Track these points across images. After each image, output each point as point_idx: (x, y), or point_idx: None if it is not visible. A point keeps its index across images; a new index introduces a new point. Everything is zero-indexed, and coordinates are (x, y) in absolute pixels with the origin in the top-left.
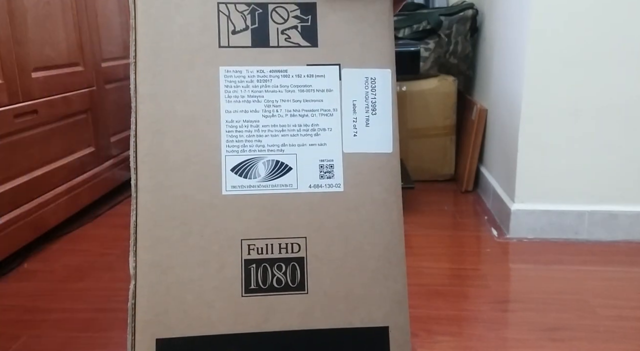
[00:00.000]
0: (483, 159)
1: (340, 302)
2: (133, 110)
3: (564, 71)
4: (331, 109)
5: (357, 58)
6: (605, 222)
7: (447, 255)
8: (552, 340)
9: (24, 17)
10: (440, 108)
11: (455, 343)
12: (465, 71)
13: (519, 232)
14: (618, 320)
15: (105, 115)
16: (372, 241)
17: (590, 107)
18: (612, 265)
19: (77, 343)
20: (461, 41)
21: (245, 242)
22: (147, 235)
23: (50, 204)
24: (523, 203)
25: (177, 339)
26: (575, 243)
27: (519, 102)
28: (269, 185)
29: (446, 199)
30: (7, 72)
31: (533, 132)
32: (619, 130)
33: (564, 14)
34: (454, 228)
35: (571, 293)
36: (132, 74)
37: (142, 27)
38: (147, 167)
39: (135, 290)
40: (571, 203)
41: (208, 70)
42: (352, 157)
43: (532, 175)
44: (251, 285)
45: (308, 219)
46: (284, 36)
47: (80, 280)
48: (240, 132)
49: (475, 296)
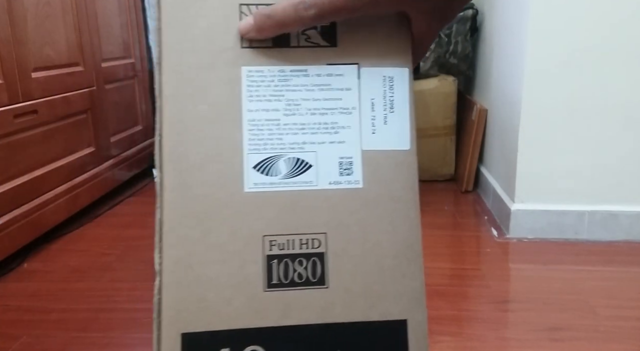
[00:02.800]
0: (483, 159)
1: (360, 297)
2: (158, 110)
3: (563, 71)
4: (350, 107)
5: (375, 57)
6: (605, 222)
7: (447, 255)
8: (552, 340)
9: (24, 17)
10: (440, 108)
11: (455, 343)
12: (465, 71)
13: (519, 232)
14: (618, 320)
15: (105, 115)
16: (390, 238)
17: (590, 107)
18: (612, 265)
19: (77, 343)
20: (461, 41)
21: (267, 238)
22: (172, 232)
23: (50, 204)
24: (523, 203)
25: (201, 333)
26: (575, 243)
27: (519, 102)
28: (290, 182)
29: (446, 199)
30: (7, 72)
31: (533, 132)
32: (619, 130)
33: (563, 14)
34: (454, 228)
35: (571, 293)
36: (156, 75)
37: (166, 29)
38: (172, 166)
39: (160, 286)
40: (571, 203)
41: (230, 71)
42: (370, 154)
43: (532, 175)
44: (273, 280)
45: (328, 215)
46: (304, 36)
47: (80, 280)
48: (262, 130)
49: (475, 296)
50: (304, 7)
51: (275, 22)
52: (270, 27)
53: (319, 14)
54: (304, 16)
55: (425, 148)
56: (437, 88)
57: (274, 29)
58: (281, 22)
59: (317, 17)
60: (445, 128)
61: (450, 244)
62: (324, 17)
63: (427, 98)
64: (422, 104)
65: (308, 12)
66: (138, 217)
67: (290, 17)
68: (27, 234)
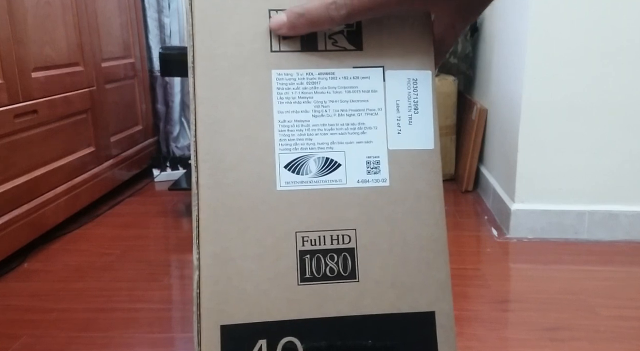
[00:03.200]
0: (483, 159)
1: (389, 290)
2: (192, 112)
3: (563, 71)
4: (376, 109)
5: (400, 60)
6: (605, 222)
7: None
8: (552, 340)
9: (24, 17)
10: (440, 108)
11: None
12: (465, 71)
13: (519, 231)
14: (618, 320)
15: (105, 115)
16: (417, 232)
17: (590, 107)
18: (612, 265)
19: (77, 343)
20: (461, 41)
21: (300, 234)
22: (209, 229)
23: (50, 204)
24: (523, 203)
25: (239, 325)
26: (575, 243)
27: (519, 102)
28: (320, 180)
29: (446, 199)
30: (7, 72)
31: (533, 132)
32: (619, 130)
33: (563, 14)
34: (454, 228)
35: (571, 293)
36: (190, 78)
37: (198, 35)
38: (207, 166)
39: (199, 280)
40: (571, 203)
41: (261, 74)
42: (396, 153)
43: (532, 175)
44: (306, 275)
45: (357, 212)
46: (331, 41)
47: (80, 280)
48: (292, 131)
49: (475, 296)
50: (335, 7)
51: (307, 20)
52: (302, 25)
53: (349, 13)
54: (335, 16)
55: None
56: (437, 88)
57: (306, 27)
58: (313, 21)
59: (347, 17)
60: (445, 128)
61: (451, 244)
62: (354, 17)
63: None
64: None
65: (340, 12)
66: (138, 217)
67: (322, 17)
68: (27, 234)
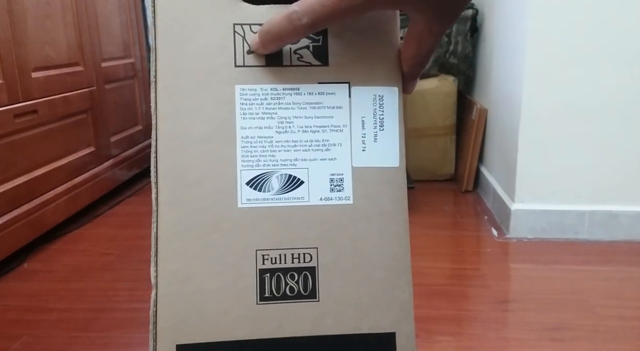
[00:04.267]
0: (483, 159)
1: (350, 309)
2: (154, 128)
3: (564, 71)
4: (341, 125)
5: (366, 76)
6: (605, 222)
7: (447, 255)
8: (552, 340)
9: (24, 17)
10: (440, 108)
11: (455, 343)
12: (465, 71)
13: (519, 231)
14: (618, 320)
15: (105, 115)
16: (380, 251)
17: (590, 107)
18: (612, 265)
19: (77, 343)
20: (461, 41)
21: (260, 252)
22: (168, 247)
23: (50, 204)
24: (523, 203)
25: (196, 345)
26: (576, 243)
27: (519, 102)
28: (282, 197)
29: (446, 199)
30: (7, 72)
31: (533, 132)
32: (619, 130)
33: (563, 15)
34: (454, 228)
35: (571, 293)
36: (152, 93)
37: (161, 48)
38: (167, 182)
39: (156, 299)
40: (571, 203)
41: (224, 89)
42: (361, 171)
43: (532, 175)
44: (265, 294)
45: (319, 230)
46: (296, 55)
47: (80, 280)
48: (255, 147)
49: (475, 296)
50: (297, 16)
51: (273, 36)
52: (270, 41)
53: (313, 21)
54: (298, 26)
55: (425, 148)
56: (437, 88)
57: (275, 42)
58: (279, 35)
59: (312, 25)
60: (445, 128)
61: (450, 244)
62: (318, 25)
63: (428, 98)
64: (422, 104)
65: (302, 21)
66: (138, 217)
67: (286, 29)
68: (27, 234)
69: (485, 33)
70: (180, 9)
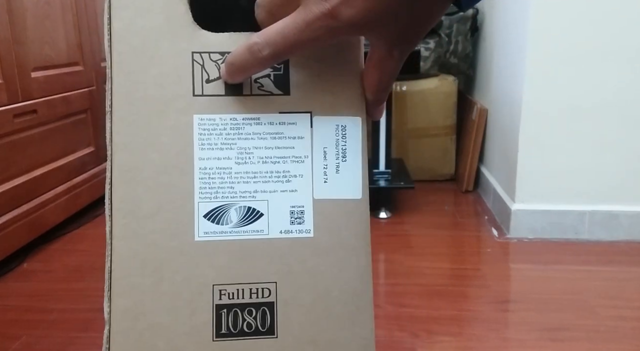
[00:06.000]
0: (483, 159)
1: (309, 346)
2: (109, 159)
3: (564, 71)
4: (302, 156)
5: (328, 106)
6: (605, 222)
7: (447, 255)
8: (552, 340)
9: (23, 17)
10: (440, 108)
11: (455, 343)
12: (465, 71)
13: (519, 232)
14: (618, 320)
15: (105, 115)
16: (341, 286)
17: (591, 107)
18: (612, 265)
19: (77, 343)
20: (461, 41)
21: (217, 287)
22: (121, 281)
23: (50, 204)
24: (523, 203)
25: None
26: (576, 243)
27: (519, 102)
28: (241, 230)
29: (446, 199)
30: (7, 72)
31: (533, 132)
32: (619, 130)
33: (563, 14)
34: (454, 228)
35: (571, 293)
36: (107, 123)
37: (117, 77)
38: (121, 215)
39: (109, 336)
40: (571, 203)
41: (182, 119)
42: (322, 203)
43: (533, 175)
44: (222, 330)
45: (278, 264)
46: (257, 84)
47: (80, 280)
48: (213, 179)
49: (475, 296)
50: (257, 48)
51: (238, 67)
52: (235, 72)
53: (275, 52)
54: (260, 58)
55: (425, 148)
56: (437, 88)
57: (240, 73)
58: (242, 67)
59: (274, 56)
60: (445, 128)
61: (451, 244)
62: (280, 55)
63: (428, 98)
64: (422, 104)
65: (263, 53)
66: None
67: (248, 61)
68: (27, 234)
69: (486, 32)
70: (137, 37)
